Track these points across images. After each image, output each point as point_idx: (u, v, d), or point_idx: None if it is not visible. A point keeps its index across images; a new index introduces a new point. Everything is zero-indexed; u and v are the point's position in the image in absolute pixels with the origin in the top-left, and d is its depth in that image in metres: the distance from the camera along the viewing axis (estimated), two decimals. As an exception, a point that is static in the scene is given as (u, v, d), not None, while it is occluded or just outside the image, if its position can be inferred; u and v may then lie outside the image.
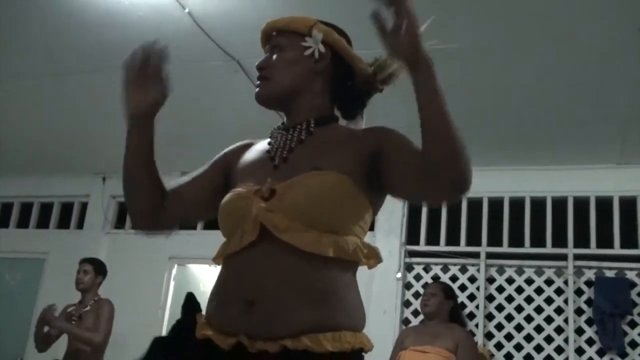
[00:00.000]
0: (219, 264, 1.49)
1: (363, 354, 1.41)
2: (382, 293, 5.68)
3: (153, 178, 1.61)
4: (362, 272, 5.24)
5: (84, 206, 7.05)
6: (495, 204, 5.81)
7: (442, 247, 5.81)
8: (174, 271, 6.57)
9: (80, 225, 7.01)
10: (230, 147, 1.67)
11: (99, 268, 4.92)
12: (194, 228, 6.64)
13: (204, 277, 6.95)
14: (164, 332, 5.78)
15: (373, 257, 1.49)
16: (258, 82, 1.58)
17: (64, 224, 7.14)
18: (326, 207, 1.37)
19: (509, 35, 3.87)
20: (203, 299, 5.48)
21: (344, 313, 1.38)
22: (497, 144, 5.35)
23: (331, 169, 1.40)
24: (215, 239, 5.87)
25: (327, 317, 1.34)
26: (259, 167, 1.50)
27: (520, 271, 5.58)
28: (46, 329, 4.64)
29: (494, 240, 5.71)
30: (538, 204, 5.69)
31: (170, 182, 1.66)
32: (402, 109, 2.14)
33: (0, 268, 7.16)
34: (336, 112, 1.64)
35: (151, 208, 1.61)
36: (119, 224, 6.94)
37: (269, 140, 1.59)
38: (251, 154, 1.58)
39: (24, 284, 6.96)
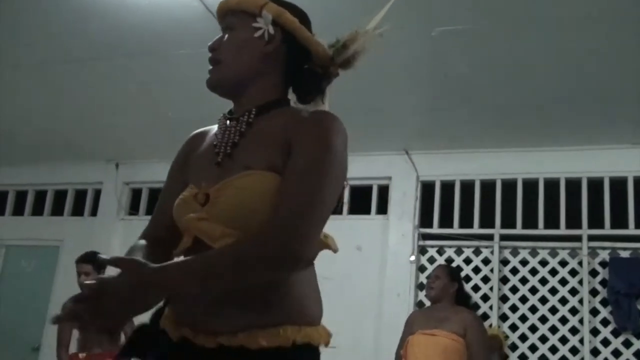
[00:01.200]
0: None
1: (316, 346, 1.39)
2: (396, 276, 5.68)
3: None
4: (375, 255, 5.26)
5: (97, 193, 7.08)
6: (509, 186, 5.79)
7: (456, 230, 5.80)
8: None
9: (94, 212, 7.05)
10: (182, 146, 1.62)
11: (98, 264, 4.63)
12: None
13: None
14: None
15: (324, 246, 1.51)
16: (210, 67, 1.51)
17: (78, 211, 7.18)
18: (256, 209, 1.33)
19: (521, 14, 3.83)
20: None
21: (287, 309, 1.35)
22: (510, 125, 5.32)
23: (260, 167, 1.36)
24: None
25: (266, 314, 1.33)
26: (203, 165, 1.46)
27: (534, 253, 5.57)
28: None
29: (508, 222, 5.70)
30: (552, 185, 5.66)
31: (147, 228, 1.59)
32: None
33: (16, 255, 7.22)
34: (291, 95, 1.57)
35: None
36: (133, 210, 6.97)
37: (216, 130, 1.53)
38: (202, 148, 1.52)
39: (40, 271, 7.02)
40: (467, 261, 5.70)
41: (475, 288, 5.62)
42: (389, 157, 6.04)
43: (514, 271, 5.59)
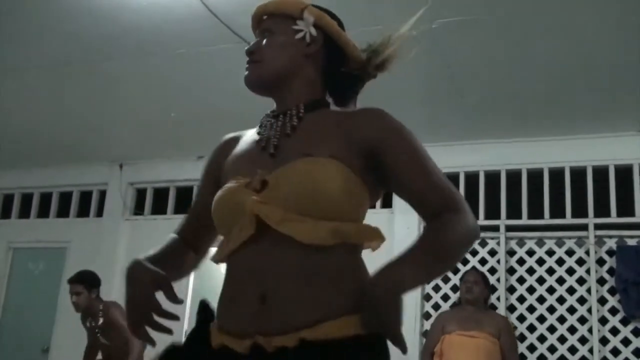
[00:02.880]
0: (221, 263, 1.46)
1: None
2: (403, 269, 5.67)
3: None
4: (380, 249, 5.25)
5: (102, 194, 7.10)
6: (514, 176, 5.77)
7: (461, 222, 5.78)
8: (194, 256, 6.59)
9: (99, 213, 7.06)
10: (215, 150, 1.62)
11: (90, 282, 4.71)
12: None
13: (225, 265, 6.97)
14: (186, 325, 5.78)
15: (375, 238, 1.46)
16: (247, 65, 1.52)
17: (83, 212, 7.20)
18: (319, 194, 1.32)
19: (526, 5, 3.82)
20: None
21: (349, 299, 1.31)
22: (513, 115, 5.31)
23: (322, 155, 1.35)
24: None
25: (333, 305, 1.30)
26: (248, 159, 1.45)
27: (540, 243, 5.56)
28: None
29: (513, 212, 5.69)
30: (557, 175, 5.65)
31: (184, 225, 1.67)
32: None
33: (23, 258, 7.25)
34: (328, 98, 1.58)
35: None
36: (138, 210, 6.99)
37: (257, 129, 1.54)
38: (240, 147, 1.53)
39: (47, 273, 7.04)
40: (473, 253, 5.69)
41: (482, 279, 5.61)
42: (393, 151, 6.01)
43: (521, 262, 5.58)
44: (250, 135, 1.54)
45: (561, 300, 5.36)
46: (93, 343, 4.73)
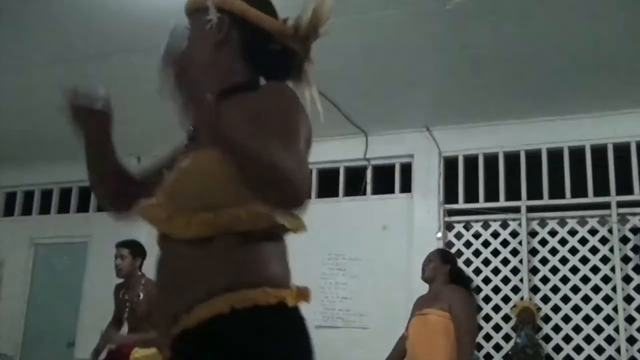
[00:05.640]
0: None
1: (269, 306, 1.33)
2: (423, 254, 5.59)
3: (115, 181, 1.69)
4: (401, 234, 5.24)
5: (121, 188, 7.11)
6: (533, 156, 5.72)
7: (482, 204, 5.75)
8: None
9: (119, 206, 7.08)
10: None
11: (136, 250, 4.68)
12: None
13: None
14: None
15: (262, 221, 1.37)
16: None
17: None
18: (193, 186, 1.37)
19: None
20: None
21: (227, 280, 1.33)
22: (531, 95, 5.24)
23: (207, 146, 1.34)
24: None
25: (205, 290, 1.32)
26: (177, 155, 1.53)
27: (562, 223, 5.51)
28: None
29: (534, 193, 5.63)
30: (577, 153, 5.58)
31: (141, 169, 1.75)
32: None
33: (46, 254, 7.31)
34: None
35: (120, 195, 1.67)
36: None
37: None
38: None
39: (70, 268, 7.10)
40: (495, 235, 5.65)
41: (505, 261, 5.57)
42: (410, 135, 6.00)
43: (543, 242, 5.53)
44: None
45: (585, 279, 5.31)
46: (119, 316, 4.66)
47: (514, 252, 5.56)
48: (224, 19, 1.51)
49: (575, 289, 5.32)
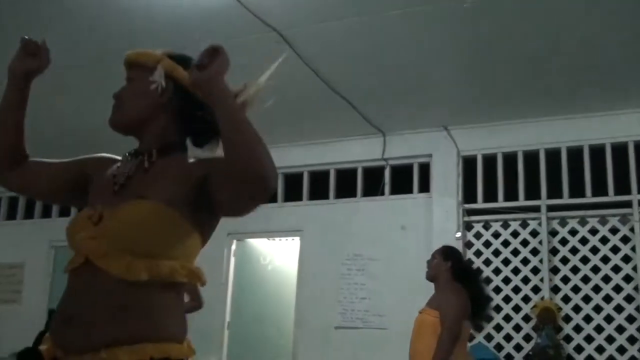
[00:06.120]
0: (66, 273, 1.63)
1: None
2: (443, 254, 5.63)
3: (16, 134, 1.77)
4: (420, 234, 5.21)
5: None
6: (553, 155, 5.67)
7: (501, 203, 5.72)
8: (233, 247, 6.64)
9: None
10: (93, 157, 1.80)
11: None
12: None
13: (264, 251, 7.01)
14: (229, 308, 5.84)
15: (194, 278, 1.59)
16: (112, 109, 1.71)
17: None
18: (141, 233, 1.49)
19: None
20: (264, 272, 5.54)
21: (149, 329, 1.48)
22: (550, 93, 5.20)
23: (154, 198, 1.52)
24: (270, 213, 5.91)
25: (126, 334, 1.45)
26: (102, 191, 1.64)
27: (583, 222, 5.46)
28: None
29: (554, 192, 5.59)
30: (597, 151, 5.53)
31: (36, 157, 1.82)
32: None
33: (66, 256, 7.32)
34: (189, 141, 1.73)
35: (4, 157, 1.77)
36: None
37: (119, 164, 1.72)
38: (105, 174, 1.69)
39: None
40: (515, 234, 5.62)
41: (525, 261, 5.53)
42: (428, 135, 5.98)
43: (564, 242, 5.49)
44: (115, 167, 1.71)
45: (606, 279, 5.26)
46: None
47: (534, 252, 5.52)
48: (169, 84, 1.66)
49: (596, 289, 5.27)
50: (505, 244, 5.63)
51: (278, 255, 7.10)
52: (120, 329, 1.45)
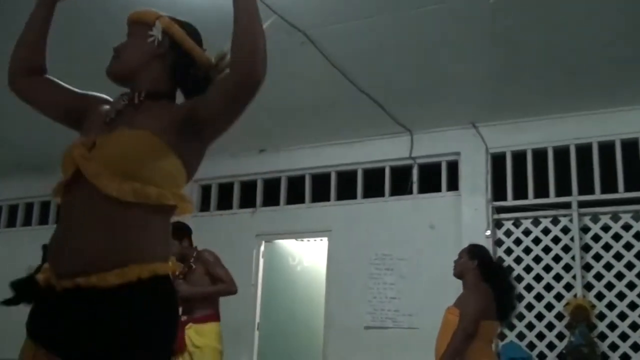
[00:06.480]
0: (56, 199, 1.75)
1: (164, 275, 1.65)
2: (473, 252, 5.58)
3: (36, 48, 1.97)
4: (449, 232, 5.18)
5: (169, 192, 7.19)
6: (584, 150, 5.59)
7: (531, 200, 5.65)
8: (262, 248, 6.66)
9: (165, 211, 7.16)
10: (94, 95, 1.96)
11: (176, 233, 4.37)
12: (277, 204, 6.70)
13: (293, 252, 7.01)
14: (259, 308, 5.84)
15: (180, 201, 1.71)
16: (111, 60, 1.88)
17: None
18: (129, 157, 1.64)
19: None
20: (293, 272, 5.53)
21: (136, 251, 1.61)
22: (580, 87, 5.12)
23: (143, 129, 1.68)
24: (299, 213, 5.90)
25: (117, 257, 1.58)
26: (96, 123, 1.79)
27: (616, 217, 5.37)
28: None
29: (586, 187, 5.51)
30: (630, 146, 5.44)
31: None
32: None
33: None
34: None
35: (23, 63, 1.97)
36: (204, 206, 7.08)
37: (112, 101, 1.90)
38: (99, 110, 1.85)
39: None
40: (546, 231, 5.55)
41: (557, 258, 5.46)
42: (456, 132, 5.94)
43: (596, 238, 5.41)
44: (108, 104, 1.88)
45: (641, 275, 5.18)
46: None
47: (566, 249, 5.45)
48: (165, 39, 1.85)
49: (631, 285, 5.18)
50: (536, 241, 5.56)
51: (307, 255, 7.10)
52: (108, 254, 1.58)
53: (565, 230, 5.49)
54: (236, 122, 1.74)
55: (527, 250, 5.58)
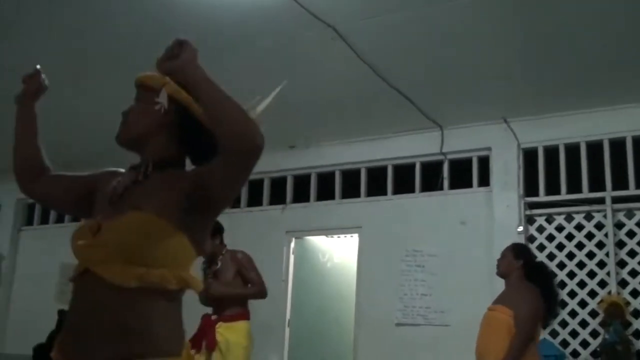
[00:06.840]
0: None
1: None
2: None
3: (34, 155, 2.00)
4: (480, 228, 5.14)
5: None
6: (617, 145, 5.51)
7: (564, 196, 5.58)
8: (292, 244, 6.68)
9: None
10: (100, 173, 1.95)
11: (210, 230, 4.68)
12: (307, 200, 6.70)
13: (323, 248, 7.02)
14: (289, 305, 5.86)
15: (185, 285, 1.67)
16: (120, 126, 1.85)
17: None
18: (133, 243, 1.60)
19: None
20: (323, 269, 5.55)
21: (149, 342, 1.57)
22: (613, 81, 5.04)
23: (146, 209, 1.64)
24: (329, 210, 5.91)
25: (129, 349, 1.55)
26: (103, 203, 1.77)
27: (651, 213, 5.29)
28: None
29: (620, 182, 5.42)
30: (665, 140, 5.35)
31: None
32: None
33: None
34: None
35: (25, 171, 1.99)
36: (234, 203, 7.11)
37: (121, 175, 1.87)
38: (107, 187, 1.81)
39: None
40: (579, 227, 5.48)
41: (590, 254, 5.39)
42: (487, 127, 5.88)
43: (631, 234, 5.32)
44: (117, 180, 1.84)
45: (678, 271, 5.09)
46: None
47: (600, 245, 5.37)
48: (171, 106, 1.80)
49: (667, 282, 5.10)
50: (570, 237, 5.49)
51: (337, 252, 7.11)
52: (117, 345, 1.55)
53: (599, 226, 5.42)
54: (240, 189, 1.72)
55: (560, 247, 5.52)
